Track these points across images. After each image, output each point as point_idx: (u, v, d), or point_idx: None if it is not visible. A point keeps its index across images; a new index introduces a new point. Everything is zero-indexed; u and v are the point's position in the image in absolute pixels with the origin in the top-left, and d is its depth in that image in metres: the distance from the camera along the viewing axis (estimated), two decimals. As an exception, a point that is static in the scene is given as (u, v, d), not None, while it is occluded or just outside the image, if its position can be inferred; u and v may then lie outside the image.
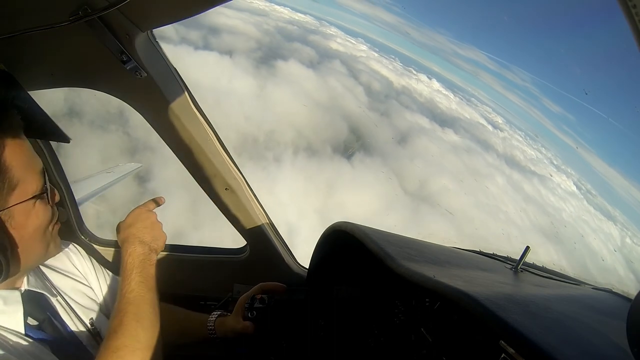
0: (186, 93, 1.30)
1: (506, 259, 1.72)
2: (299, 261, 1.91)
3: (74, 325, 1.03)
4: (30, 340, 0.88)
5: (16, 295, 0.91)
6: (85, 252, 1.28)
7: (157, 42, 1.15)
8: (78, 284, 1.16)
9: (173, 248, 1.85)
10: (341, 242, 1.49)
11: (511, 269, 1.52)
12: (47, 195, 0.91)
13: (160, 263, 1.80)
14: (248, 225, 1.67)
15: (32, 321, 0.92)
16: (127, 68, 1.06)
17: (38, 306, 0.95)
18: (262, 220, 1.69)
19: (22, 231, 0.86)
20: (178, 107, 1.25)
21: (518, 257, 1.54)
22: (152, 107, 1.26)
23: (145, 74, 1.10)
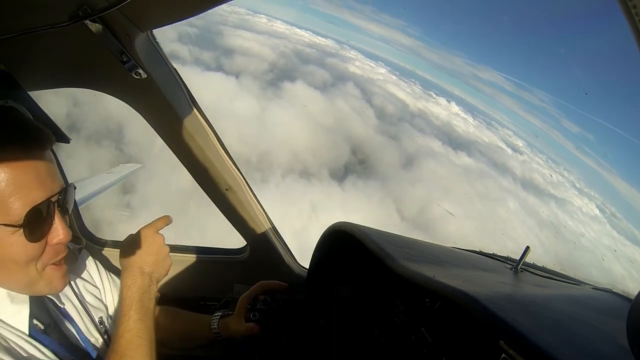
0: (186, 93, 1.30)
1: (506, 259, 1.72)
2: (299, 261, 1.91)
3: (83, 327, 1.03)
4: (34, 342, 0.87)
5: (24, 296, 0.89)
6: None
7: (157, 42, 1.15)
8: (87, 284, 1.18)
9: (173, 248, 1.85)
10: (341, 242, 1.49)
11: (511, 269, 1.52)
12: (25, 233, 0.79)
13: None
14: (248, 225, 1.67)
15: (37, 324, 0.91)
16: (127, 68, 1.06)
17: (45, 310, 0.94)
18: (262, 220, 1.69)
19: None
20: (178, 107, 1.25)
21: (518, 257, 1.54)
22: (152, 108, 1.26)
23: (145, 74, 1.10)
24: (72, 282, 1.11)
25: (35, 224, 0.80)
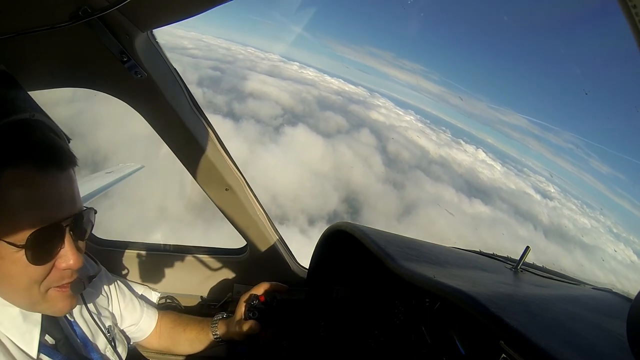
0: (186, 93, 1.30)
1: (506, 259, 1.72)
2: (298, 261, 1.91)
3: (92, 338, 1.05)
4: None
5: (37, 315, 0.88)
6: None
7: (157, 42, 1.15)
8: (97, 294, 1.19)
9: (173, 248, 1.85)
10: (341, 242, 1.49)
11: (511, 269, 1.52)
12: (27, 255, 0.75)
13: (161, 263, 1.82)
14: (248, 225, 1.67)
15: (49, 339, 0.91)
16: (127, 68, 1.06)
17: (57, 325, 0.95)
18: (262, 220, 1.69)
19: None
20: (178, 107, 1.25)
21: (518, 257, 1.54)
22: (152, 107, 1.26)
23: (145, 74, 1.10)
24: (83, 292, 1.12)
25: (39, 246, 0.76)
